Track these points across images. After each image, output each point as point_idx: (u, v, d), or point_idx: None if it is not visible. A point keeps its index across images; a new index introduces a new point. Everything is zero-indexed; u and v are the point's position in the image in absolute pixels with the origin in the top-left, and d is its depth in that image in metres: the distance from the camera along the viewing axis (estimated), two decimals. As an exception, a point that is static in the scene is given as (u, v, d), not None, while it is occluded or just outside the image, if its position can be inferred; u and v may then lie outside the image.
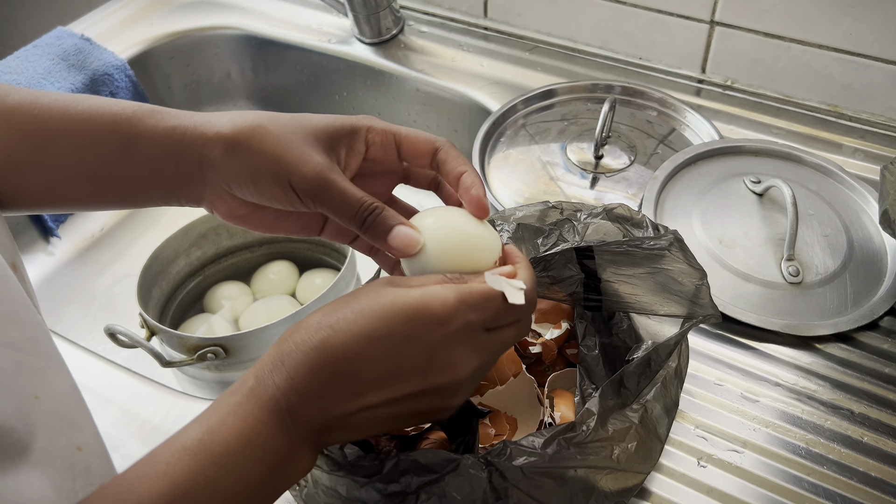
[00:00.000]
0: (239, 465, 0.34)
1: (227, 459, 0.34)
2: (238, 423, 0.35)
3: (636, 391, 0.45)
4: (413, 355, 0.36)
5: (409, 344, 0.36)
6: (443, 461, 0.40)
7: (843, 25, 0.77)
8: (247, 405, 0.35)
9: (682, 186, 0.74)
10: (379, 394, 0.36)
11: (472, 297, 0.37)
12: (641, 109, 0.85)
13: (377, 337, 0.35)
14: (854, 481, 0.52)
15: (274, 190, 0.40)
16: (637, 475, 0.46)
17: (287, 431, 0.35)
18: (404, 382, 0.36)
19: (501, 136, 0.83)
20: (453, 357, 0.36)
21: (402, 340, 0.35)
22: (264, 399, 0.35)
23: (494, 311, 0.38)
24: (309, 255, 0.86)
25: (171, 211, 0.97)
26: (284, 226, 0.46)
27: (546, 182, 0.77)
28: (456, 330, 0.36)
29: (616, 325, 0.55)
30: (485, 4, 0.98)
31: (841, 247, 0.67)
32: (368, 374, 0.35)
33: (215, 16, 1.05)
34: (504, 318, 0.38)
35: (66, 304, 0.87)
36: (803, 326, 0.61)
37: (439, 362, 0.36)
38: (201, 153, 0.41)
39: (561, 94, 0.87)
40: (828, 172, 0.75)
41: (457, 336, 0.36)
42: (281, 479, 0.36)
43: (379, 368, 0.35)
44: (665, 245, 0.48)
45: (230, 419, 0.35)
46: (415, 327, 0.36)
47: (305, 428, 0.36)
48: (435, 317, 0.36)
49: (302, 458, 0.36)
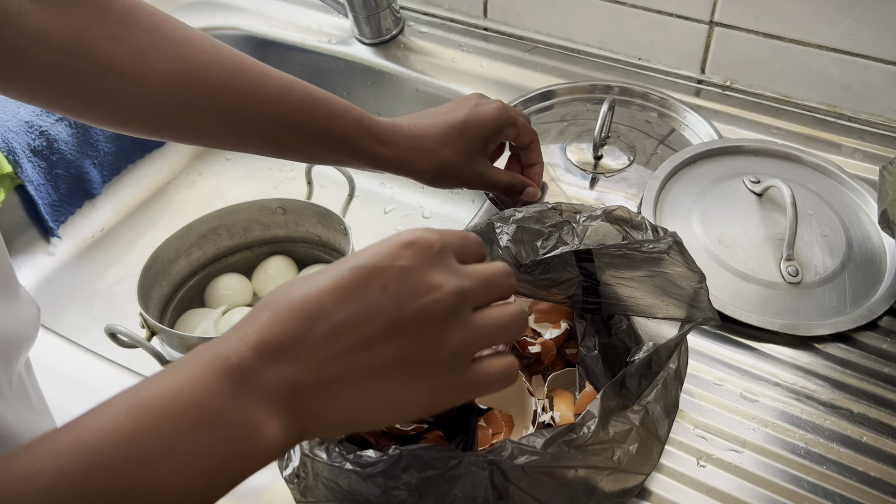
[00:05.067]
0: (166, 424, 0.29)
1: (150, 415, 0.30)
2: (168, 379, 0.31)
3: (637, 392, 0.45)
4: (383, 280, 0.32)
5: (377, 273, 0.32)
6: (445, 458, 0.40)
7: (842, 26, 0.77)
8: (183, 364, 0.31)
9: (681, 186, 0.74)
10: (349, 333, 0.32)
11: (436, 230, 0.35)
12: (640, 110, 0.85)
13: (342, 277, 0.32)
14: (853, 481, 0.52)
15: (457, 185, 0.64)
16: (637, 476, 0.46)
17: (237, 390, 0.31)
18: (375, 314, 0.32)
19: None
20: (426, 277, 0.33)
21: (369, 271, 0.32)
22: (207, 357, 0.31)
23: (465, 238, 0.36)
24: (309, 254, 0.86)
25: (171, 211, 0.97)
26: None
27: (546, 182, 0.77)
28: (425, 250, 0.33)
29: (615, 325, 0.55)
30: (485, 5, 0.98)
31: (840, 247, 0.68)
32: (335, 314, 0.32)
33: (215, 16, 1.05)
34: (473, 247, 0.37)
35: (66, 304, 0.87)
36: (802, 326, 0.62)
37: (410, 285, 0.32)
38: (405, 174, 0.62)
39: (560, 95, 0.87)
40: (827, 172, 0.75)
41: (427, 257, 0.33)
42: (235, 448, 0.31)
43: (347, 307, 0.32)
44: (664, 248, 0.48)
45: (161, 377, 0.31)
46: (381, 256, 0.33)
47: (265, 385, 0.31)
48: (401, 241, 0.34)
49: (268, 427, 0.31)
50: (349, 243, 0.75)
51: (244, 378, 0.31)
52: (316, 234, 0.84)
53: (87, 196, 0.94)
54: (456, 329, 0.33)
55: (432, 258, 0.33)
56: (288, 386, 0.31)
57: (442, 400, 0.35)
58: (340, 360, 0.32)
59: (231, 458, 0.31)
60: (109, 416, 0.30)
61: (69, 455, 0.28)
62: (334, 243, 0.83)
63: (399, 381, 0.33)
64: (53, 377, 0.61)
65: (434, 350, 0.33)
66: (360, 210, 0.92)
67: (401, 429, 0.52)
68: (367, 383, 0.33)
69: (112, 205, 0.96)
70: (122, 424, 0.29)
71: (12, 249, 0.88)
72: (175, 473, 0.29)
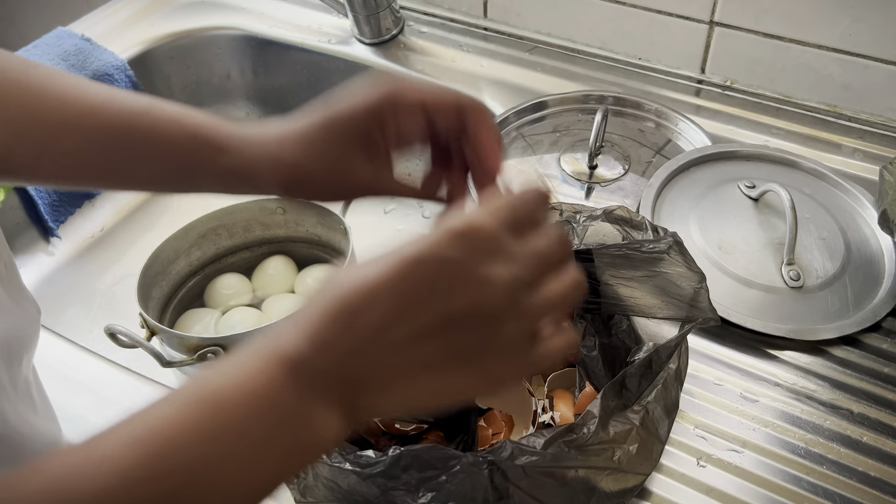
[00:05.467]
0: (234, 412, 0.30)
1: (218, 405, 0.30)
2: (230, 370, 0.31)
3: (637, 393, 0.45)
4: (433, 274, 0.31)
5: (426, 265, 0.32)
6: (445, 457, 0.40)
7: (842, 25, 0.77)
8: (242, 356, 0.32)
9: (677, 192, 0.74)
10: (400, 326, 0.31)
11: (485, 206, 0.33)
12: (634, 119, 0.85)
13: (392, 270, 0.32)
14: (853, 481, 0.52)
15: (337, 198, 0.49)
16: (637, 476, 0.46)
17: (296, 381, 0.31)
18: (426, 309, 0.31)
19: None
20: (477, 270, 0.32)
21: (419, 264, 0.32)
22: (265, 349, 0.32)
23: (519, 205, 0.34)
24: (309, 254, 0.86)
25: (171, 211, 0.97)
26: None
27: (543, 188, 0.78)
28: (476, 239, 0.32)
29: (615, 325, 0.55)
30: (485, 5, 0.98)
31: (839, 249, 0.68)
32: (385, 307, 0.31)
33: (215, 16, 1.05)
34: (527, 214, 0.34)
35: (66, 304, 0.87)
36: (808, 331, 0.61)
37: (462, 279, 0.32)
38: (259, 190, 0.47)
39: (552, 106, 0.87)
40: (821, 175, 0.75)
41: (478, 247, 0.32)
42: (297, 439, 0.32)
43: (397, 300, 0.31)
44: (664, 248, 0.48)
45: (222, 369, 0.32)
46: (431, 248, 0.32)
47: (321, 377, 0.31)
48: (451, 230, 0.32)
49: (324, 418, 0.32)
50: (349, 243, 0.75)
51: (302, 369, 0.31)
52: (316, 234, 0.84)
53: (87, 196, 0.94)
54: (510, 317, 0.32)
55: (483, 247, 0.32)
56: (346, 379, 0.32)
57: (499, 383, 0.34)
58: (392, 353, 0.32)
59: (293, 449, 0.32)
60: (178, 406, 0.30)
61: (142, 442, 0.29)
62: (334, 243, 0.83)
63: (452, 372, 0.33)
64: (53, 377, 0.61)
65: (489, 341, 0.32)
66: (360, 210, 0.92)
67: (401, 429, 0.52)
68: (419, 375, 0.32)
69: (112, 205, 0.96)
70: (192, 413, 0.30)
71: (12, 249, 0.88)
72: (243, 461, 0.30)
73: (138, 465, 0.28)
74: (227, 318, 0.79)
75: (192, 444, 0.29)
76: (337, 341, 0.32)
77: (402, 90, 0.43)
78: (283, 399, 0.31)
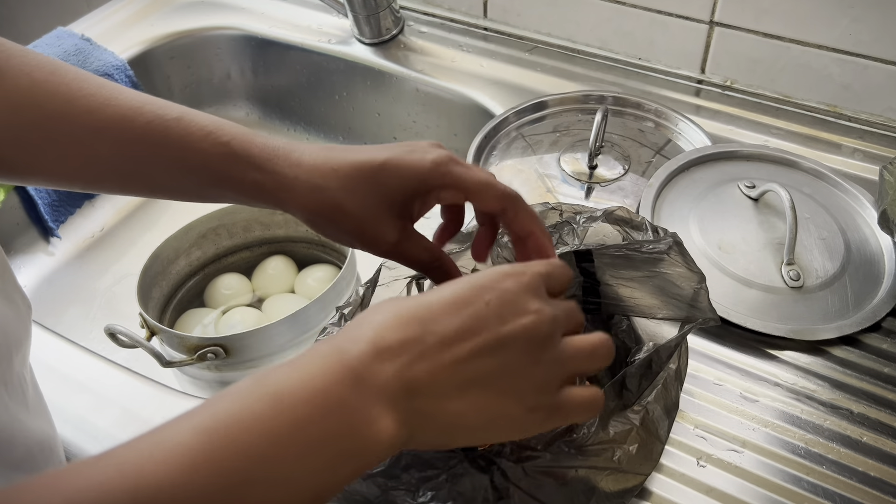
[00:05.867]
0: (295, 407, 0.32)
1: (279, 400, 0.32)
2: (292, 370, 0.33)
3: (637, 393, 0.45)
4: (486, 301, 0.36)
5: (483, 292, 0.36)
6: (445, 458, 0.41)
7: (842, 25, 0.77)
8: (304, 358, 0.34)
9: (677, 193, 0.74)
10: (460, 341, 0.35)
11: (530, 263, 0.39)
12: (634, 119, 0.85)
13: (451, 293, 0.36)
14: (853, 481, 0.52)
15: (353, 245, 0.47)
16: (637, 476, 0.46)
17: (357, 382, 0.33)
18: (483, 328, 0.35)
19: (494, 150, 0.83)
20: (525, 302, 0.36)
21: (477, 289, 0.36)
22: (327, 351, 0.34)
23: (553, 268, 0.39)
24: (308, 254, 0.86)
25: (171, 211, 0.97)
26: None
27: (543, 193, 0.77)
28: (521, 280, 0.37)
29: (615, 325, 0.55)
30: (485, 5, 0.98)
31: (839, 249, 0.68)
32: (447, 322, 0.35)
33: (215, 16, 1.05)
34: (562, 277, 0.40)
35: (66, 304, 0.87)
36: (808, 331, 0.61)
37: (512, 307, 0.36)
38: (284, 208, 0.47)
39: (552, 106, 0.87)
40: (820, 175, 0.75)
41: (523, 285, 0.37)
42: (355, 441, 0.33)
43: (457, 318, 0.35)
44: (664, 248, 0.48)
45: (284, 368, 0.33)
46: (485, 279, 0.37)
47: (382, 381, 0.33)
48: (499, 271, 0.37)
49: (384, 422, 0.33)
50: (349, 243, 0.75)
51: (363, 372, 0.33)
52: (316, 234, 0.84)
53: (87, 196, 0.94)
54: (551, 350, 0.36)
55: (527, 287, 0.37)
56: (403, 384, 0.33)
57: (533, 417, 0.36)
58: (451, 365, 0.34)
59: (350, 450, 0.32)
60: (241, 400, 0.32)
61: (205, 431, 0.30)
62: (333, 243, 0.83)
63: (498, 392, 0.35)
64: (53, 377, 0.61)
65: (532, 367, 0.36)
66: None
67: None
68: (471, 390, 0.35)
69: (112, 205, 0.97)
70: (254, 406, 0.31)
71: (12, 249, 0.88)
72: (301, 457, 0.31)
73: (202, 451, 0.29)
74: (227, 318, 0.79)
75: (252, 435, 0.30)
76: (405, 347, 0.34)
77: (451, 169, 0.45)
78: (343, 399, 0.32)
